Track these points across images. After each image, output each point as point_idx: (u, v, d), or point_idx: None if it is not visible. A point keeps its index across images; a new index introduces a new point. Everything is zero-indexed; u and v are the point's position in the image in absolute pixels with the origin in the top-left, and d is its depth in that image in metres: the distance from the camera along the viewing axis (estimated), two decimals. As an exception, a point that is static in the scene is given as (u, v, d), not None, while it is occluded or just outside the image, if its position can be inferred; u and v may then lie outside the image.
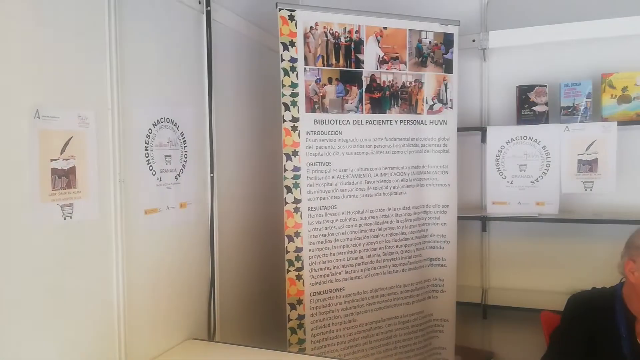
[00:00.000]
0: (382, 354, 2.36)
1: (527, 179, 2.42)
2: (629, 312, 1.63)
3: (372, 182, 2.30)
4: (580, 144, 2.30)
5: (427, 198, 2.43)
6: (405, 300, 2.40)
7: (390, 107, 2.31)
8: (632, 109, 2.29)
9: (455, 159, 2.43)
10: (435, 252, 2.47)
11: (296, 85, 2.13)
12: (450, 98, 2.41)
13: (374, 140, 2.29)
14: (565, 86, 2.39)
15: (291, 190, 2.14)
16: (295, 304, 2.16)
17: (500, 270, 2.74)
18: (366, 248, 2.30)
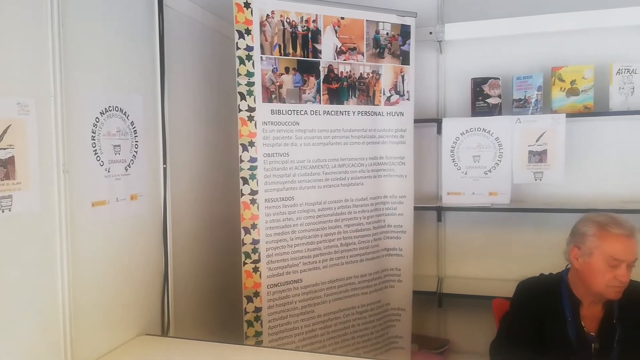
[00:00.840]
0: (340, 344, 2.37)
1: (481, 170, 2.47)
2: (574, 296, 1.69)
3: (330, 173, 2.29)
4: (531, 135, 2.37)
5: (384, 189, 2.44)
6: (362, 290, 2.42)
7: (348, 98, 2.30)
8: (580, 102, 2.37)
9: (412, 150, 2.45)
10: (392, 242, 2.49)
11: (252, 74, 2.08)
12: (407, 90, 2.42)
13: (332, 131, 2.28)
14: (518, 79, 2.45)
15: (247, 181, 2.10)
16: (252, 297, 2.14)
17: (455, 259, 2.80)
18: (324, 239, 2.30)
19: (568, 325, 1.66)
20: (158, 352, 1.79)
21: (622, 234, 1.56)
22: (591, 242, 1.60)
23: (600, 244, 1.58)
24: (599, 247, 1.58)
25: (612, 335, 1.63)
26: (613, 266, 1.56)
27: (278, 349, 2.06)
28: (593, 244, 1.59)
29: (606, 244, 1.57)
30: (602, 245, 1.58)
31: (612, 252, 1.56)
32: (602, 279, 1.57)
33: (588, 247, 1.61)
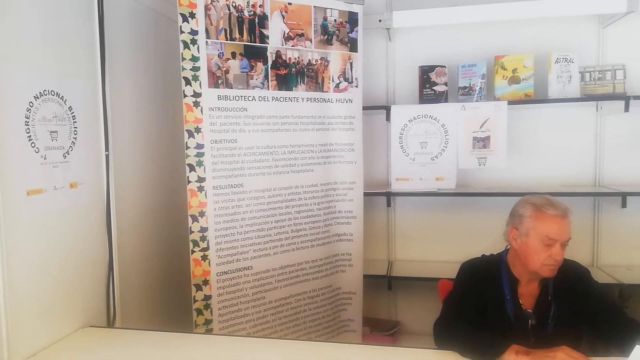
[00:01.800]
0: (292, 329, 2.39)
1: (428, 156, 2.53)
2: (512, 275, 1.77)
3: (279, 160, 2.28)
4: (475, 122, 2.44)
5: (334, 175, 2.46)
6: (314, 275, 2.44)
7: (296, 85, 2.29)
8: (521, 90, 2.46)
9: (361, 136, 2.48)
10: (342, 228, 2.52)
11: (197, 59, 2.04)
12: (356, 77, 2.44)
13: (281, 118, 2.27)
14: (463, 67, 2.52)
15: (194, 168, 2.06)
16: (201, 285, 2.11)
17: (405, 243, 2.87)
18: (274, 226, 2.30)
19: (507, 303, 1.74)
20: (102, 344, 1.74)
21: (556, 215, 1.64)
22: (528, 223, 1.67)
23: (536, 225, 1.65)
24: (535, 227, 1.65)
25: (548, 311, 1.71)
26: (548, 245, 1.63)
27: (228, 336, 2.05)
28: (530, 224, 1.67)
29: (542, 225, 1.64)
30: (538, 225, 1.65)
31: (547, 232, 1.63)
32: (538, 258, 1.65)
33: (525, 227, 1.68)
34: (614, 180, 2.57)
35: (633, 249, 2.60)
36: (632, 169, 2.56)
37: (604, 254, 2.62)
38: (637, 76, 2.49)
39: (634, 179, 2.55)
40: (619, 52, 2.52)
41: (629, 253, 2.60)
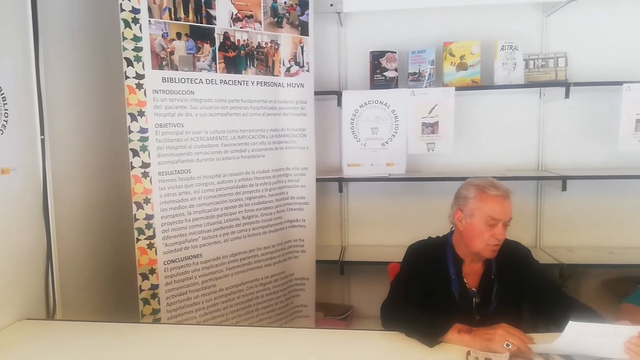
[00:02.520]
0: (244, 316, 2.36)
1: (379, 142, 2.54)
2: (457, 256, 1.81)
3: (229, 145, 2.24)
4: (424, 107, 2.47)
5: (286, 161, 2.44)
6: (266, 262, 2.42)
7: (246, 68, 2.25)
8: (469, 76, 2.51)
9: (313, 122, 2.46)
10: (295, 214, 2.51)
11: (140, 39, 1.96)
12: (307, 61, 2.41)
13: (230, 102, 2.22)
14: (412, 53, 2.53)
15: (138, 153, 1.99)
16: (147, 274, 2.05)
17: (357, 228, 2.89)
18: (225, 212, 2.25)
19: (452, 282, 1.78)
20: (40, 337, 1.66)
21: (498, 195, 1.69)
22: (472, 204, 1.71)
23: (480, 206, 1.70)
24: (479, 208, 1.70)
25: (491, 289, 1.77)
26: (491, 225, 1.68)
27: (177, 325, 2.01)
28: (474, 205, 1.71)
29: (485, 205, 1.69)
30: (481, 206, 1.69)
31: (491, 212, 1.68)
32: (482, 238, 1.69)
33: (469, 209, 1.72)
34: (555, 165, 2.67)
35: (573, 231, 2.72)
36: (572, 153, 2.66)
37: (546, 235, 2.73)
38: (578, 64, 2.58)
39: (574, 163, 2.66)
40: (562, 40, 2.60)
41: (569, 234, 2.72)
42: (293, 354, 1.51)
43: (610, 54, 2.58)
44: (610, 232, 2.69)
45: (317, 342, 1.62)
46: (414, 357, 1.44)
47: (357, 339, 1.62)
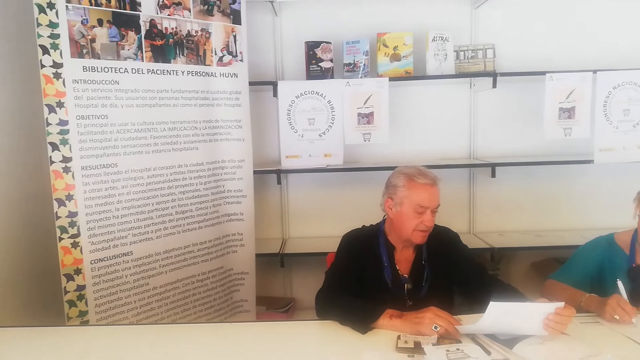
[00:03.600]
0: (180, 314, 2.30)
1: (316, 132, 2.53)
2: (389, 243, 1.84)
3: (159, 137, 2.15)
4: (359, 98, 2.48)
5: (221, 153, 2.38)
6: (203, 257, 2.36)
7: (175, 57, 2.17)
8: (402, 67, 2.54)
9: (249, 113, 2.42)
10: (232, 207, 2.45)
11: (56, 25, 1.84)
12: (240, 51, 2.36)
13: (159, 92, 2.13)
14: (347, 44, 2.54)
15: (58, 147, 1.88)
16: (72, 275, 1.94)
17: (298, 220, 2.87)
18: (156, 208, 2.17)
19: (385, 269, 1.80)
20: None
21: (426, 183, 1.73)
22: (401, 192, 1.74)
23: (408, 194, 1.73)
24: (408, 196, 1.73)
25: (422, 275, 1.81)
26: (419, 213, 1.72)
27: (107, 326, 1.92)
28: (403, 194, 1.74)
29: (413, 193, 1.72)
30: (410, 194, 1.72)
31: (419, 200, 1.71)
32: (411, 225, 1.73)
33: (399, 197, 1.75)
34: (486, 153, 2.77)
35: (503, 216, 2.83)
36: (502, 141, 2.77)
37: (478, 221, 2.83)
38: (506, 55, 2.68)
39: (504, 151, 2.76)
40: (490, 32, 2.69)
41: (500, 220, 2.83)
42: (223, 348, 1.47)
43: (535, 45, 2.70)
44: (538, 216, 2.82)
45: (249, 335, 1.59)
46: (347, 344, 1.44)
47: (291, 330, 1.61)
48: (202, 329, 1.70)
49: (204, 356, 1.42)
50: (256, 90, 2.60)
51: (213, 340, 1.52)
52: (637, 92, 2.44)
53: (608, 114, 2.45)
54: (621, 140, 2.47)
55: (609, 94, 2.43)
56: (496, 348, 1.34)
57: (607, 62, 2.61)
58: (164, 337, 1.57)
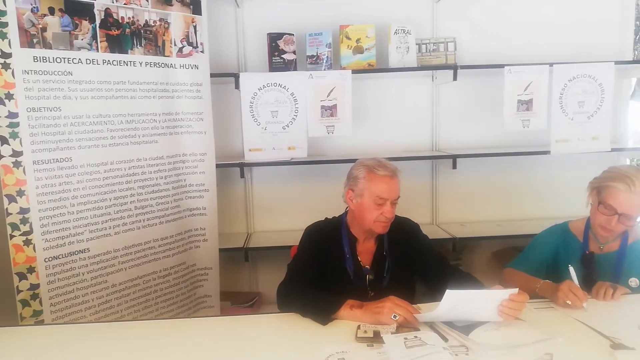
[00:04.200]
0: (141, 312, 2.25)
1: (279, 125, 2.51)
2: (351, 235, 1.84)
3: (116, 131, 2.09)
4: (322, 90, 2.47)
5: (182, 146, 2.34)
6: (164, 253, 2.31)
7: (132, 47, 2.11)
8: (365, 59, 2.55)
9: (210, 105, 2.37)
10: (195, 202, 2.41)
11: (4, 13, 1.76)
12: (201, 42, 2.32)
13: (115, 84, 2.07)
14: (310, 36, 2.52)
15: (7, 141, 1.80)
16: (25, 273, 1.87)
17: (263, 214, 2.85)
18: (114, 203, 2.11)
19: (347, 261, 1.81)
20: None
21: (386, 175, 1.74)
22: (362, 184, 1.75)
23: (369, 186, 1.73)
24: (368, 188, 1.73)
25: (383, 265, 1.82)
26: (379, 204, 1.73)
27: (64, 325, 1.86)
28: (363, 185, 1.74)
29: (373, 185, 1.73)
30: (370, 186, 1.73)
31: (379, 192, 1.72)
32: (372, 216, 1.73)
33: (359, 188, 1.75)
34: (448, 145, 2.81)
35: (465, 207, 2.89)
36: (462, 133, 2.81)
37: (441, 212, 2.88)
38: (466, 48, 2.72)
39: (464, 142, 2.81)
40: (450, 26, 2.72)
41: (462, 210, 2.89)
42: (183, 342, 1.44)
43: (495, 39, 2.75)
44: (498, 207, 2.89)
45: (209, 329, 1.56)
46: (308, 335, 1.44)
47: (251, 324, 1.59)
48: (163, 325, 1.67)
49: (164, 352, 1.39)
50: (218, 82, 2.55)
51: (173, 336, 1.49)
52: (591, 85, 2.52)
53: (564, 106, 2.52)
54: (576, 132, 2.55)
55: (564, 87, 2.50)
56: (453, 335, 1.37)
57: (563, 56, 2.68)
58: (125, 334, 1.54)
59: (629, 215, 1.67)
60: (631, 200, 1.66)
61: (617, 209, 1.68)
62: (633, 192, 1.65)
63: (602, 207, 1.72)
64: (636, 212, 1.68)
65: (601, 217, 1.73)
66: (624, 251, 1.81)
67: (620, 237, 1.82)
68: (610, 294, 1.61)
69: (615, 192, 1.68)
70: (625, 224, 1.69)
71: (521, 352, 1.27)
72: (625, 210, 1.67)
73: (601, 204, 1.73)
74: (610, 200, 1.69)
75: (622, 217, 1.68)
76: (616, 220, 1.69)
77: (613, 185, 1.69)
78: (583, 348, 1.32)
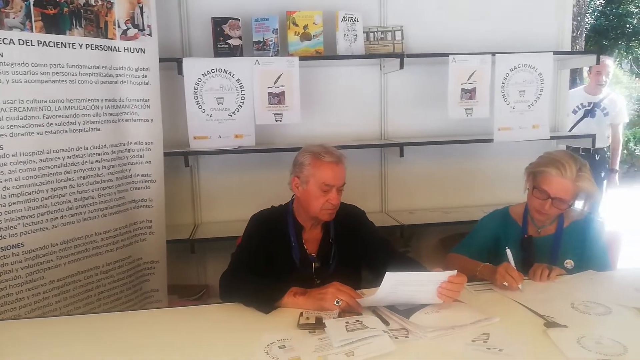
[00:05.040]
0: (82, 308, 2.15)
1: (225, 112, 2.46)
2: (297, 222, 1.83)
3: (53, 117, 1.98)
4: (269, 77, 2.43)
5: (127, 135, 2.24)
6: (107, 247, 2.22)
7: (71, 28, 1.99)
8: (312, 46, 2.53)
9: (158, 91, 2.29)
10: (140, 193, 2.33)
11: None
12: (148, 24, 2.22)
13: (52, 67, 1.95)
14: (256, 21, 2.47)
15: None
16: (-50, 270, 1.76)
17: (211, 204, 2.79)
18: (51, 195, 2.01)
19: (293, 249, 1.80)
20: None
21: (332, 162, 1.73)
22: (307, 171, 1.73)
23: (314, 172, 1.72)
24: (314, 174, 1.72)
25: (330, 252, 1.83)
26: (325, 191, 1.72)
27: None
28: (309, 172, 1.73)
29: (318, 172, 1.72)
30: (315, 173, 1.72)
31: (324, 179, 1.71)
32: (317, 203, 1.73)
33: (305, 175, 1.74)
34: (396, 133, 2.84)
35: (413, 195, 2.93)
36: (409, 122, 2.85)
37: (390, 200, 2.92)
38: (413, 37, 2.75)
39: (412, 131, 2.85)
40: (398, 14, 2.73)
41: (411, 198, 2.93)
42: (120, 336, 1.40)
43: (440, 29, 2.78)
44: (446, 194, 2.96)
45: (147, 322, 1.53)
46: (249, 325, 1.42)
47: (192, 315, 1.56)
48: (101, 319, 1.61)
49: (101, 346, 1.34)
50: (161, 68, 2.46)
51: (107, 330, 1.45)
52: (532, 75, 2.61)
53: (506, 95, 2.60)
54: (518, 120, 2.63)
55: (506, 76, 2.58)
56: (394, 318, 1.39)
57: (506, 46, 2.75)
58: (62, 329, 1.48)
59: (561, 199, 1.75)
60: (563, 184, 1.73)
61: (550, 193, 1.75)
62: (564, 176, 1.72)
63: (536, 192, 1.79)
64: (568, 196, 1.75)
65: (536, 201, 1.79)
66: (560, 234, 1.89)
67: (557, 220, 1.90)
68: (546, 275, 1.68)
69: (548, 177, 1.75)
70: (558, 208, 1.77)
71: (459, 333, 1.30)
72: (557, 194, 1.74)
73: (535, 188, 1.79)
74: (544, 185, 1.76)
75: (555, 201, 1.75)
76: (549, 204, 1.75)
77: (546, 171, 1.76)
78: (518, 327, 1.37)
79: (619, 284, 1.71)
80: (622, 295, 1.54)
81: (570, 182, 1.72)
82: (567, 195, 1.75)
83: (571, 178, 1.72)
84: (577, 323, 1.36)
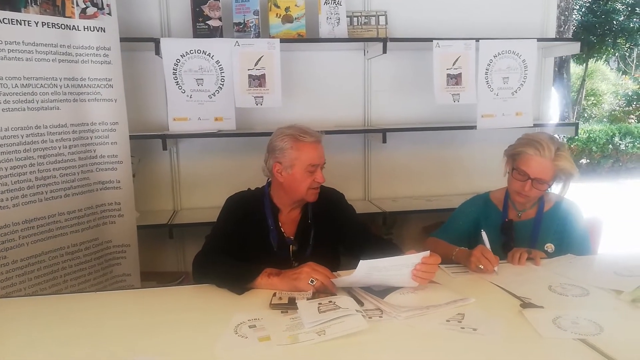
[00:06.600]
0: (49, 290, 2.07)
1: (205, 94, 2.38)
2: (275, 206, 1.78)
3: (9, 95, 1.89)
4: (249, 59, 2.36)
5: (90, 115, 2.15)
6: (72, 228, 2.14)
7: (26, 5, 1.91)
8: (294, 29, 2.46)
9: (121, 71, 2.20)
10: (107, 175, 2.24)
11: None
12: (107, 3, 2.13)
13: (7, 44, 1.87)
14: (237, 2, 2.40)
15: None
16: None
17: (191, 189, 2.72)
18: (11, 173, 1.92)
19: (270, 232, 1.74)
20: None
21: (313, 141, 1.69)
22: (290, 155, 1.68)
23: (298, 155, 1.67)
24: (298, 157, 1.67)
25: (308, 235, 1.77)
26: (311, 172, 1.68)
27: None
28: (292, 155, 1.68)
29: (303, 154, 1.67)
30: (300, 155, 1.67)
31: (310, 160, 1.67)
32: (305, 185, 1.69)
33: (288, 159, 1.68)
34: (380, 120, 2.79)
35: (397, 182, 2.89)
36: (393, 109, 2.80)
37: (374, 188, 2.87)
38: (397, 22, 2.69)
39: (396, 117, 2.80)
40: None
41: (394, 186, 2.89)
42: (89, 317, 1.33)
43: (424, 13, 2.73)
44: (429, 182, 2.92)
45: (114, 302, 1.46)
46: (220, 306, 1.37)
47: (162, 296, 1.51)
48: (69, 299, 1.55)
49: (70, 327, 1.28)
50: (137, 48, 2.39)
51: (81, 310, 1.39)
52: (515, 61, 2.57)
53: (489, 82, 2.56)
54: (501, 107, 2.60)
55: (490, 62, 2.54)
56: (369, 299, 1.34)
57: (490, 32, 2.72)
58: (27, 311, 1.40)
59: (541, 179, 1.71)
60: (542, 164, 1.70)
61: (529, 174, 1.71)
62: (543, 156, 1.69)
63: (515, 173, 1.75)
64: (547, 176, 1.72)
65: (516, 183, 1.76)
66: (540, 218, 1.86)
67: (537, 204, 1.87)
68: (525, 259, 1.64)
69: (527, 157, 1.72)
70: (538, 189, 1.73)
71: (434, 313, 1.26)
72: (537, 174, 1.71)
73: (515, 169, 1.76)
74: (523, 166, 1.73)
75: (534, 182, 1.71)
76: (529, 185, 1.72)
77: (524, 151, 1.73)
78: (494, 308, 1.32)
79: (599, 267, 1.68)
80: (601, 278, 1.51)
81: (549, 161, 1.69)
82: (547, 175, 1.71)
83: (550, 157, 1.69)
84: (553, 304, 1.33)
